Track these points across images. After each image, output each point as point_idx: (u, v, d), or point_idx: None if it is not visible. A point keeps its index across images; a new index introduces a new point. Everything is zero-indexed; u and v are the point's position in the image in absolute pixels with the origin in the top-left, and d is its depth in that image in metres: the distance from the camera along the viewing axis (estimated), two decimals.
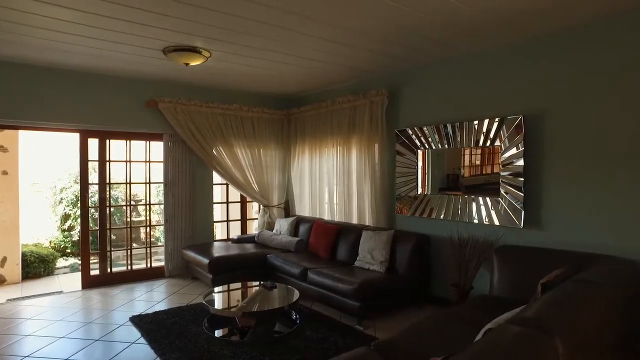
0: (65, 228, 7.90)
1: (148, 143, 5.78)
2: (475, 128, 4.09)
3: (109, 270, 5.49)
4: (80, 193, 5.30)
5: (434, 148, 4.50)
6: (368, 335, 3.59)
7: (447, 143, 4.36)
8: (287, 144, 6.68)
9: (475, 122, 4.08)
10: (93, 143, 5.33)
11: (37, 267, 6.05)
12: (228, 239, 6.49)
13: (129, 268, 5.69)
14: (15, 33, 3.60)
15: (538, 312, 1.78)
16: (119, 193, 7.61)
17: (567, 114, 3.51)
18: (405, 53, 4.22)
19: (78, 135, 5.20)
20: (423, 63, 4.57)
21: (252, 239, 6.10)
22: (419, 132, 4.61)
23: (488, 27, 3.46)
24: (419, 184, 4.67)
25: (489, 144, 3.99)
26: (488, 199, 4.01)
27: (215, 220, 6.42)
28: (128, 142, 5.64)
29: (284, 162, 6.73)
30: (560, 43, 3.53)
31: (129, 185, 5.86)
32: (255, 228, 6.74)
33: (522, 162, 3.72)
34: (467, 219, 4.20)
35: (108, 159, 5.45)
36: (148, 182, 5.87)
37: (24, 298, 4.88)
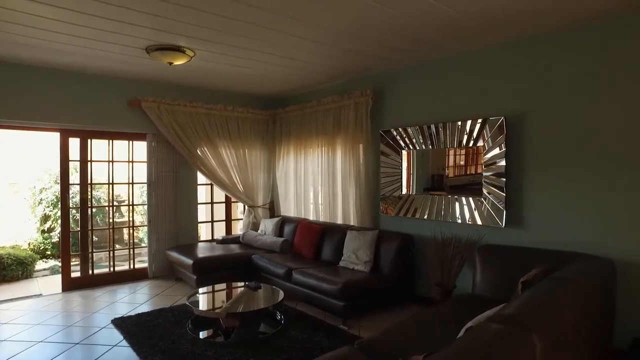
0: (45, 229, 7.74)
1: (131, 143, 5.70)
2: (459, 129, 4.14)
3: (91, 272, 5.39)
4: (61, 194, 5.19)
5: (418, 149, 4.54)
6: (352, 335, 3.60)
7: (430, 143, 4.41)
8: (272, 144, 6.66)
9: (459, 122, 4.14)
10: (74, 143, 5.23)
11: (14, 269, 5.91)
12: (213, 240, 6.45)
13: (112, 270, 5.60)
14: None
15: (517, 310, 1.82)
16: (102, 193, 7.49)
17: (546, 116, 3.58)
18: (390, 54, 4.25)
19: (58, 135, 5.10)
20: (407, 64, 4.61)
21: (237, 240, 6.07)
22: (403, 132, 4.65)
23: (471, 29, 3.51)
24: (404, 184, 4.71)
25: (472, 145, 4.04)
26: (471, 199, 4.06)
27: (200, 221, 6.36)
28: (110, 141, 5.56)
29: (269, 162, 6.71)
30: (540, 46, 3.60)
31: (112, 186, 5.77)
32: (240, 229, 6.71)
33: (504, 162, 3.78)
34: (450, 219, 4.25)
35: (90, 159, 5.35)
36: (131, 182, 5.79)
37: (0, 302, 4.74)
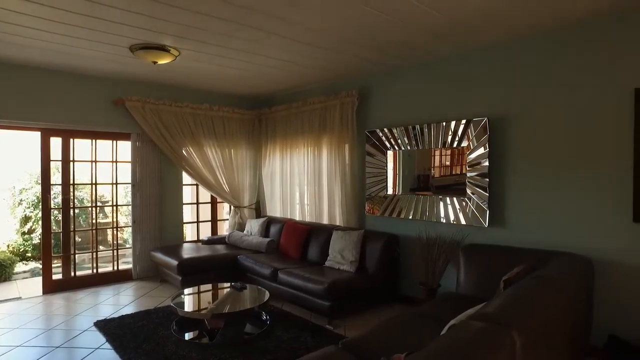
0: (25, 231, 7.57)
1: (115, 142, 5.62)
2: (443, 129, 4.19)
3: (73, 274, 5.30)
4: (42, 194, 5.09)
5: (403, 149, 4.58)
6: (338, 335, 3.61)
7: (415, 144, 4.45)
8: (258, 144, 6.64)
9: (443, 123, 4.18)
10: (56, 142, 5.14)
11: None
12: (198, 241, 6.40)
13: (95, 271, 5.51)
14: None
15: (498, 308, 1.85)
16: (84, 194, 7.37)
17: (525, 118, 3.66)
18: (375, 56, 4.27)
19: (39, 134, 5.00)
20: (393, 66, 4.64)
21: (222, 240, 6.04)
22: (389, 133, 4.69)
23: (455, 33, 3.55)
24: (389, 185, 4.74)
25: (457, 145, 4.10)
26: (455, 199, 4.11)
27: (185, 222, 6.30)
28: (94, 141, 5.47)
29: (255, 162, 6.69)
30: (519, 50, 3.67)
31: (95, 186, 5.68)
32: (226, 229, 6.67)
33: (487, 163, 3.84)
34: (435, 219, 4.30)
35: (72, 159, 5.27)
36: (115, 182, 5.71)
37: None
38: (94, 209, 5.94)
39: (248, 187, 6.59)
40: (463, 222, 4.04)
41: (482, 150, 3.86)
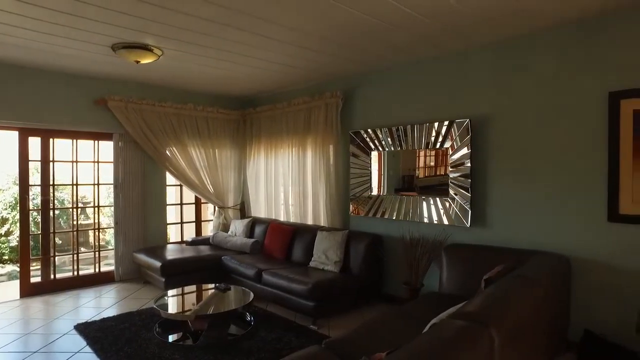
0: (2, 233, 7.39)
1: (97, 143, 5.53)
2: (426, 131, 4.24)
3: (53, 277, 5.19)
4: (20, 195, 4.97)
5: (387, 150, 4.62)
6: (322, 335, 3.62)
7: (399, 145, 4.49)
8: (242, 145, 6.62)
9: (426, 124, 4.23)
10: (35, 142, 5.03)
11: None
12: (182, 242, 6.33)
13: (76, 274, 5.41)
14: None
15: (477, 306, 1.89)
16: (65, 195, 7.23)
17: (506, 120, 3.73)
18: (359, 57, 4.30)
19: (17, 134, 4.89)
20: (377, 67, 4.68)
21: (207, 241, 6.00)
22: (373, 134, 4.72)
23: (438, 34, 3.59)
24: (374, 185, 4.77)
25: (440, 146, 4.15)
26: (439, 200, 4.16)
27: (169, 223, 6.24)
28: (74, 141, 5.37)
29: (240, 162, 6.66)
30: (500, 52, 3.74)
31: (76, 187, 5.57)
32: (211, 230, 6.62)
33: (469, 164, 3.90)
34: (418, 219, 4.34)
35: (52, 159, 5.16)
36: (97, 183, 5.62)
37: None
38: (75, 210, 5.83)
39: (232, 187, 6.56)
40: (446, 222, 4.10)
41: (465, 151, 3.92)
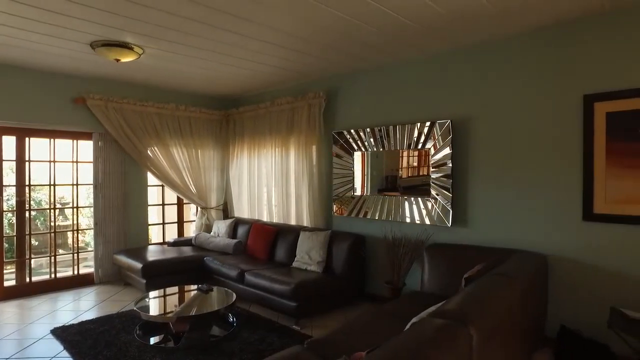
0: None
1: (75, 142, 5.42)
2: (408, 131, 4.28)
3: (28, 280, 5.06)
4: None
5: (370, 150, 4.65)
6: (305, 335, 3.62)
7: (382, 145, 4.52)
8: (225, 145, 6.57)
9: (408, 125, 4.28)
10: (9, 141, 4.90)
11: None
12: (164, 243, 6.26)
13: (53, 276, 5.28)
14: None
15: (456, 305, 1.92)
16: (43, 195, 7.04)
17: (484, 121, 3.80)
18: (342, 58, 4.32)
19: None
20: (359, 68, 4.71)
21: (189, 242, 5.94)
22: (356, 134, 4.74)
23: (419, 35, 3.64)
24: (357, 186, 4.80)
25: (422, 147, 4.19)
26: (420, 200, 4.21)
27: (151, 223, 6.15)
28: (52, 140, 5.25)
29: (223, 163, 6.61)
30: (480, 54, 3.81)
31: (54, 187, 5.45)
32: (193, 231, 6.56)
33: (451, 164, 3.95)
34: (400, 219, 4.38)
35: (28, 159, 5.03)
36: (76, 183, 5.50)
37: None
38: (53, 211, 5.70)
39: (215, 188, 6.51)
40: (428, 222, 4.14)
41: (446, 152, 3.97)
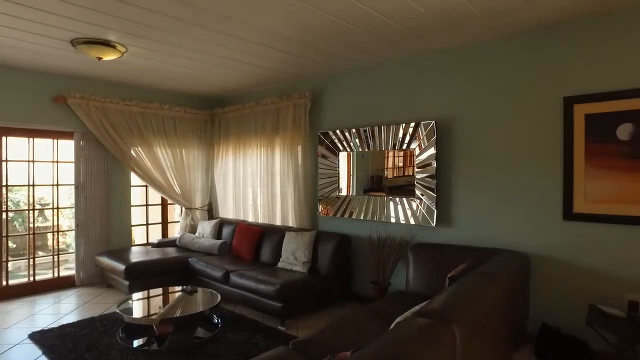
0: None
1: (56, 141, 5.30)
2: (393, 132, 4.30)
3: (5, 283, 4.92)
4: None
5: (355, 150, 4.66)
6: (290, 335, 3.62)
7: (367, 146, 4.54)
8: (210, 145, 6.51)
9: (393, 125, 4.30)
10: None
11: None
12: (148, 244, 6.18)
13: (32, 279, 5.16)
14: None
15: (439, 304, 1.94)
16: (21, 196, 6.87)
17: (467, 122, 3.85)
18: (326, 58, 4.32)
19: None
20: (344, 68, 4.72)
21: (173, 243, 5.87)
22: (341, 135, 4.75)
23: (403, 36, 3.67)
24: (342, 186, 4.81)
25: (406, 147, 4.22)
26: (405, 200, 4.24)
27: (134, 224, 6.05)
28: (31, 140, 5.13)
29: (207, 163, 6.55)
30: (464, 56, 3.85)
31: (33, 188, 5.32)
32: (177, 231, 6.48)
33: (435, 164, 3.99)
34: (385, 219, 4.40)
35: (5, 159, 4.90)
36: (56, 184, 5.38)
37: None
38: (32, 212, 5.56)
39: (200, 188, 6.44)
40: (412, 222, 4.17)
41: (431, 152, 4.00)
